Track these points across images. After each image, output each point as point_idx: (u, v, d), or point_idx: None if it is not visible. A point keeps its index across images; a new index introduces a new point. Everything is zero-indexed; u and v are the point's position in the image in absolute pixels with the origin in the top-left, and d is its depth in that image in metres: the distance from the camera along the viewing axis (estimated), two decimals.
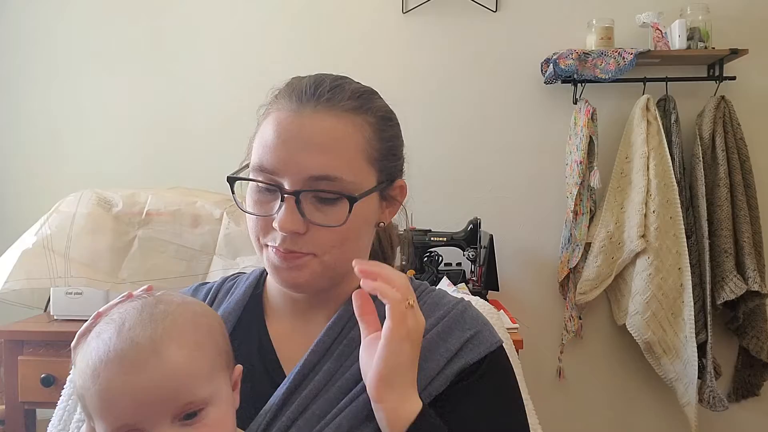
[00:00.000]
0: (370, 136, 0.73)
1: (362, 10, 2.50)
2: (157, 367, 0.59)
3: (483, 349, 0.73)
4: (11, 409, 1.87)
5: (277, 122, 0.71)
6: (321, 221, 0.69)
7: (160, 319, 0.62)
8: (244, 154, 0.81)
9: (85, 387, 0.60)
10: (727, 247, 2.25)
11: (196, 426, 0.60)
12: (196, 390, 0.60)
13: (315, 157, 0.69)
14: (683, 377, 2.26)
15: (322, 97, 0.71)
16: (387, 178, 0.76)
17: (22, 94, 2.57)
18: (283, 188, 0.69)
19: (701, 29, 2.28)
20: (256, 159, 0.72)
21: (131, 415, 0.58)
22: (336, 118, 0.71)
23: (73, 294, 1.92)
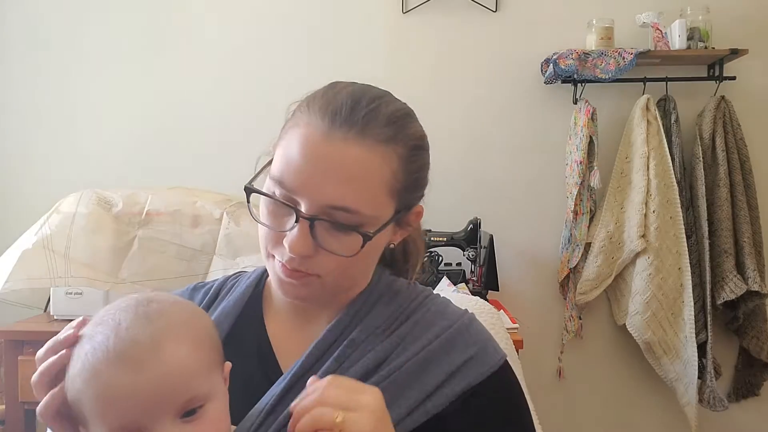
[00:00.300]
0: (397, 169, 0.70)
1: (362, 10, 2.50)
2: (160, 365, 0.58)
3: (486, 368, 0.72)
4: (11, 409, 1.87)
5: (305, 140, 0.68)
6: (332, 248, 0.68)
7: (156, 318, 0.61)
8: (257, 158, 0.79)
9: (82, 391, 0.59)
10: (727, 247, 2.25)
11: (196, 422, 0.60)
12: (197, 386, 0.60)
13: (337, 187, 0.66)
14: (683, 377, 2.26)
15: (356, 124, 0.68)
16: (405, 207, 0.74)
17: (22, 94, 2.57)
18: (300, 210, 0.67)
19: (701, 29, 2.28)
20: (278, 172, 0.69)
21: (134, 415, 0.57)
22: (366, 149, 0.67)
23: (73, 294, 1.92)
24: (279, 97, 2.78)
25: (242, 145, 2.50)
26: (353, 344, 0.72)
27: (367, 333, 0.73)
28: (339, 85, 0.74)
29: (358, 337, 0.72)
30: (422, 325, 0.74)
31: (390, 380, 0.69)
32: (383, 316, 0.74)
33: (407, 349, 0.71)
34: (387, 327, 0.73)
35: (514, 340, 1.66)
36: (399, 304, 0.76)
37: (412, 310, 0.76)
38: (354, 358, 0.70)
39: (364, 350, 0.71)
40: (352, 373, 0.69)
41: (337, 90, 0.72)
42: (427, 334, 0.73)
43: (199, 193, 2.04)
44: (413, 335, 0.73)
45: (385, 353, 0.71)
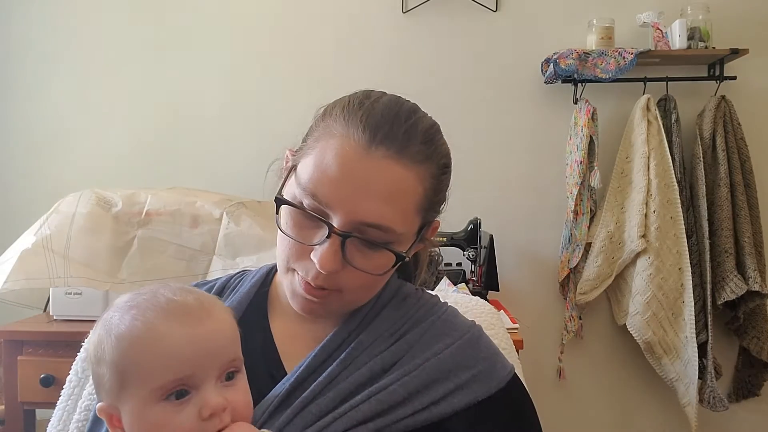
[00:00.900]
0: (428, 188, 0.71)
1: (362, 10, 2.50)
2: (213, 321, 0.62)
3: (494, 384, 0.72)
4: (11, 409, 1.87)
5: (342, 154, 0.66)
6: (361, 266, 0.67)
7: (193, 291, 0.65)
8: (269, 164, 0.78)
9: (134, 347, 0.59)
10: (728, 247, 2.25)
11: (233, 388, 0.62)
12: (238, 349, 0.64)
13: (374, 205, 0.66)
14: (684, 377, 2.26)
15: (396, 141, 0.67)
16: (427, 222, 0.74)
17: (22, 94, 2.57)
18: (332, 225, 0.66)
19: (702, 29, 2.28)
20: (311, 183, 0.67)
21: (189, 367, 0.59)
22: (404, 168, 0.67)
23: (72, 294, 1.92)
24: (279, 97, 2.78)
25: (242, 146, 2.50)
26: (360, 347, 0.71)
27: (375, 336, 0.72)
28: (373, 95, 0.73)
29: (365, 340, 0.72)
30: (431, 334, 0.74)
31: (400, 383, 0.68)
32: (391, 321, 0.74)
33: (416, 357, 0.71)
34: (395, 331, 0.73)
35: (514, 340, 1.66)
36: (407, 309, 0.76)
37: (420, 317, 0.75)
38: (360, 361, 0.70)
39: (371, 354, 0.71)
40: (357, 375, 0.69)
41: (372, 101, 0.71)
42: (437, 344, 0.72)
43: (199, 193, 2.03)
44: (422, 343, 0.72)
45: (392, 358, 0.71)
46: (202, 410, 0.59)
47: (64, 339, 1.84)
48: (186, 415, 0.59)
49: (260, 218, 1.95)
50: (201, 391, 0.60)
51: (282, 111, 2.49)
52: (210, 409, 0.59)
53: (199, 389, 0.60)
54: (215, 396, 0.60)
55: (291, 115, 2.50)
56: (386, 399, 0.67)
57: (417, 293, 0.80)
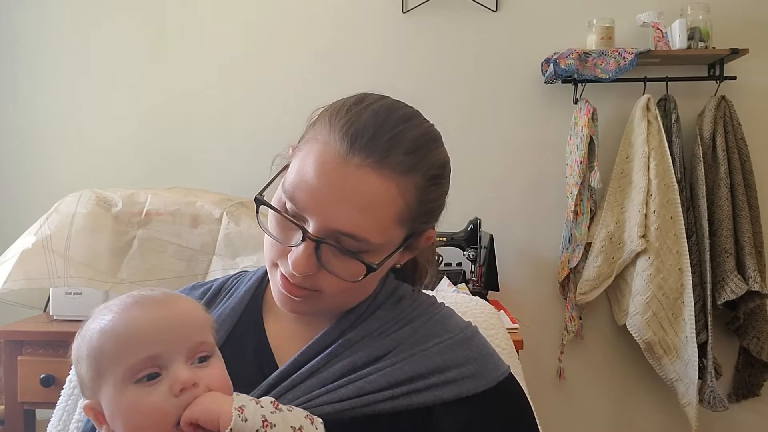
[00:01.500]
0: (412, 200, 0.69)
1: (362, 10, 2.49)
2: (178, 305, 0.66)
3: (482, 383, 0.71)
4: (11, 409, 1.87)
5: (321, 159, 0.66)
6: (335, 271, 0.67)
7: (164, 290, 0.68)
8: (273, 158, 0.77)
9: (104, 335, 0.62)
10: (728, 247, 2.25)
11: (205, 369, 0.64)
12: (206, 334, 0.66)
13: (348, 214, 0.65)
14: (684, 377, 2.26)
15: (375, 151, 0.66)
16: (416, 233, 0.73)
17: (22, 94, 2.57)
18: (307, 230, 0.66)
19: (702, 29, 2.28)
20: (290, 186, 0.68)
21: (157, 345, 0.61)
22: (382, 179, 0.66)
23: (72, 294, 1.92)
24: (279, 97, 2.78)
25: (242, 146, 2.50)
26: (347, 343, 0.71)
27: (363, 335, 0.72)
28: (366, 101, 0.71)
29: (353, 338, 0.72)
30: (421, 333, 0.73)
31: (381, 373, 0.68)
32: (382, 321, 0.74)
33: (402, 353, 0.71)
34: (384, 330, 0.73)
35: (514, 341, 1.66)
36: (401, 310, 0.75)
37: (413, 318, 0.75)
38: (344, 355, 0.70)
39: (356, 349, 0.71)
40: (339, 367, 0.69)
41: (362, 107, 0.70)
42: (426, 342, 0.72)
43: (199, 193, 2.03)
44: (410, 341, 0.72)
45: (377, 353, 0.71)
46: (173, 386, 0.60)
47: (64, 339, 1.81)
48: (158, 393, 0.60)
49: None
50: (171, 370, 0.61)
51: (282, 111, 2.49)
52: (180, 384, 0.60)
53: (169, 369, 0.61)
54: (185, 371, 0.61)
55: (291, 115, 2.50)
56: (365, 386, 0.67)
57: (413, 295, 0.79)
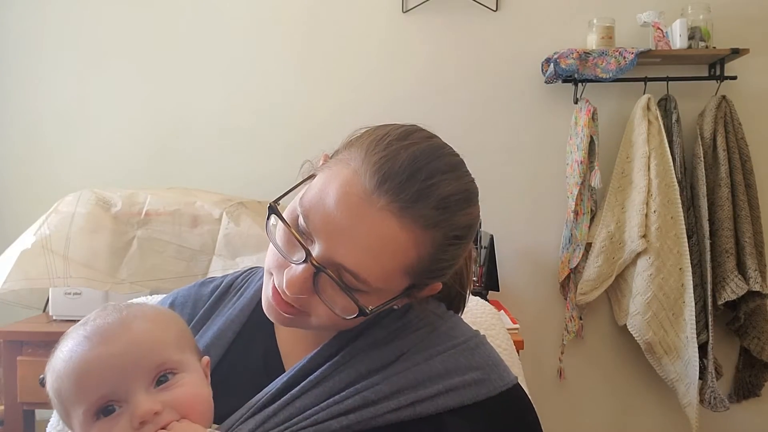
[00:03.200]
0: (425, 255, 0.66)
1: (362, 10, 2.49)
2: (126, 335, 0.62)
3: (484, 392, 0.70)
4: (10, 409, 1.86)
5: (344, 189, 0.63)
6: (328, 301, 0.65)
7: (124, 309, 0.66)
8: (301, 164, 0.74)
9: (60, 378, 0.62)
10: (728, 247, 2.25)
11: (171, 388, 0.62)
12: (166, 354, 0.63)
13: (356, 252, 0.63)
14: (684, 378, 2.25)
15: (403, 197, 0.63)
16: (420, 285, 0.70)
17: (22, 94, 2.57)
18: (310, 253, 0.63)
19: (702, 29, 2.28)
20: (308, 204, 0.65)
21: (107, 384, 0.60)
22: (400, 228, 0.63)
23: (72, 294, 1.92)
24: (279, 97, 2.78)
25: (242, 146, 2.50)
26: (353, 351, 0.71)
27: (370, 342, 0.72)
28: (411, 138, 0.67)
29: (360, 345, 0.71)
30: (427, 342, 0.73)
31: (386, 382, 0.68)
32: (389, 329, 0.73)
33: (406, 360, 0.70)
34: (390, 339, 0.72)
35: (515, 341, 1.65)
36: (409, 319, 0.74)
37: (419, 326, 0.74)
38: (351, 363, 0.70)
39: (363, 357, 0.70)
40: (345, 376, 0.69)
41: (404, 145, 0.66)
42: (430, 351, 0.71)
43: (198, 193, 2.03)
44: (415, 350, 0.71)
45: (382, 360, 0.70)
46: (132, 420, 0.59)
47: None
48: (120, 427, 0.59)
49: (260, 218, 1.95)
50: (131, 402, 0.60)
51: (281, 111, 2.49)
52: (138, 418, 0.59)
53: (128, 401, 0.60)
54: (144, 403, 0.59)
55: (290, 115, 2.50)
56: (370, 395, 0.67)
57: (421, 304, 0.77)
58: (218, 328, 0.77)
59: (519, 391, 0.74)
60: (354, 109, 2.38)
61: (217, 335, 0.76)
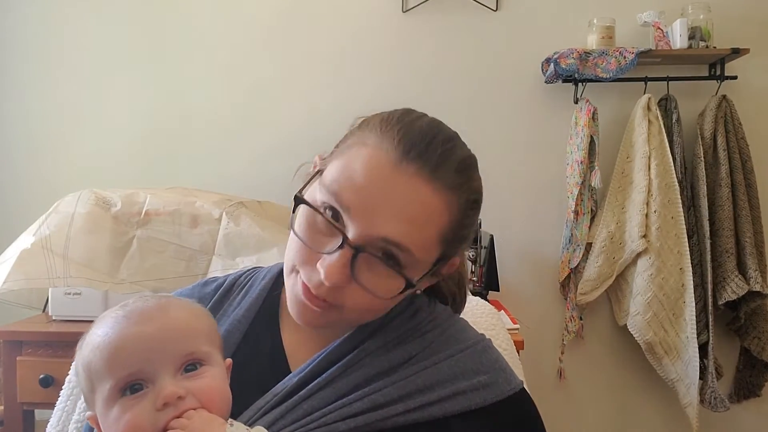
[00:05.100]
0: (455, 219, 0.67)
1: (362, 10, 2.49)
2: (163, 319, 0.65)
3: (491, 396, 0.70)
4: (10, 409, 1.86)
5: (372, 163, 0.64)
6: (369, 285, 0.64)
7: (162, 297, 0.69)
8: (298, 167, 0.74)
9: (94, 350, 0.63)
10: (729, 247, 2.24)
11: (195, 378, 0.63)
12: (197, 343, 0.65)
13: (396, 222, 0.62)
14: (684, 378, 2.25)
15: (430, 162, 0.64)
16: (446, 256, 0.70)
17: (21, 94, 2.57)
18: (347, 236, 0.62)
19: (702, 28, 2.28)
20: (335, 184, 0.64)
21: (139, 362, 0.62)
22: (433, 191, 0.64)
23: (71, 294, 1.91)
24: (279, 96, 2.78)
25: (242, 146, 2.50)
26: (363, 353, 0.71)
27: (379, 344, 0.72)
28: (414, 114, 0.70)
29: (369, 347, 0.71)
30: (435, 346, 0.73)
31: (395, 386, 0.68)
32: (399, 331, 0.73)
33: (415, 364, 0.70)
34: (399, 341, 0.73)
35: (515, 341, 1.65)
36: (418, 321, 0.75)
37: (428, 329, 0.74)
38: (360, 365, 0.70)
39: (372, 359, 0.71)
40: (353, 378, 0.69)
41: (413, 118, 0.69)
42: (438, 354, 0.72)
43: (198, 193, 2.03)
44: (424, 353, 0.72)
45: (391, 363, 0.70)
46: (156, 400, 0.61)
47: (63, 339, 1.83)
48: (142, 407, 0.61)
49: (260, 218, 1.95)
50: (157, 384, 0.62)
51: (281, 111, 2.49)
52: (163, 399, 0.60)
53: (155, 383, 0.62)
54: (169, 385, 0.61)
55: (290, 115, 2.50)
56: (379, 399, 0.67)
57: (430, 307, 0.78)
58: (225, 330, 0.76)
59: (525, 395, 0.75)
60: (354, 108, 2.35)
61: (225, 336, 0.75)
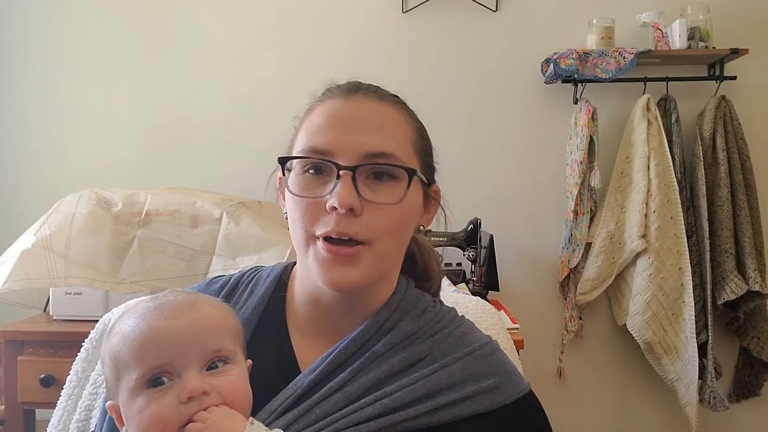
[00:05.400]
0: (416, 131, 0.76)
1: (362, 10, 2.50)
2: (194, 314, 0.66)
3: (500, 399, 0.71)
4: (11, 409, 1.87)
5: (327, 110, 0.72)
6: (377, 199, 0.68)
7: (192, 293, 0.71)
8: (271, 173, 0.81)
9: (124, 340, 0.65)
10: (728, 247, 2.25)
11: (220, 375, 0.64)
12: (224, 341, 0.66)
13: (371, 136, 0.70)
14: (684, 377, 2.26)
15: (371, 91, 0.74)
16: (427, 173, 0.77)
17: (22, 94, 2.57)
18: (339, 165, 0.68)
19: (702, 29, 2.28)
20: (307, 143, 0.71)
21: (167, 355, 0.63)
22: (387, 106, 0.73)
23: (72, 294, 1.92)
24: (279, 97, 2.78)
25: (242, 146, 2.50)
26: (373, 356, 0.71)
27: (389, 346, 0.72)
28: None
29: (379, 350, 0.72)
30: (444, 347, 0.74)
31: (406, 390, 0.69)
32: (407, 333, 0.74)
33: (425, 367, 0.71)
34: (408, 343, 0.73)
35: (515, 340, 1.65)
36: (425, 322, 0.76)
37: (435, 331, 0.75)
38: (370, 368, 0.70)
39: (381, 363, 0.71)
40: (364, 381, 0.69)
41: (347, 80, 0.78)
42: (447, 357, 0.72)
43: (199, 193, 2.03)
44: (433, 355, 0.72)
45: (401, 366, 0.71)
46: (180, 394, 0.62)
47: (64, 339, 1.84)
48: (167, 399, 0.62)
49: (260, 218, 1.95)
50: (183, 378, 0.63)
51: (281, 111, 2.48)
52: (188, 393, 0.61)
53: (181, 376, 0.63)
54: (195, 380, 0.62)
55: (290, 115, 2.50)
56: (390, 403, 0.67)
57: (435, 307, 0.79)
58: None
59: (533, 398, 0.75)
60: None
61: None
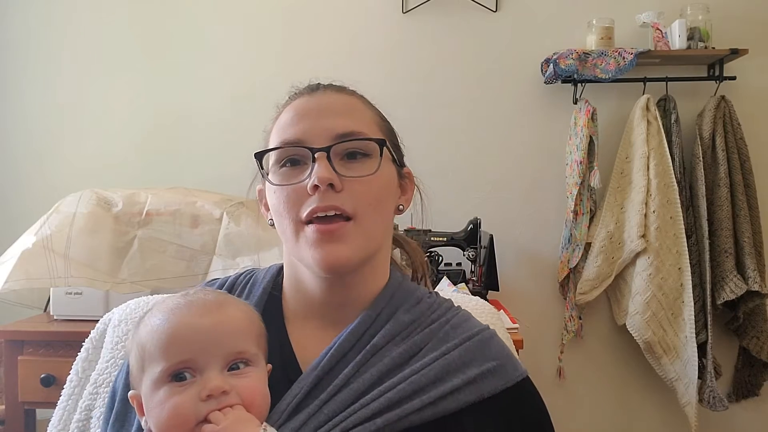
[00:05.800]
0: (377, 114, 0.81)
1: (362, 10, 2.50)
2: (221, 314, 0.69)
3: (501, 383, 0.72)
4: (11, 409, 1.87)
5: (293, 107, 0.78)
6: (354, 173, 0.73)
7: (221, 294, 0.74)
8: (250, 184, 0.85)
9: (152, 332, 0.67)
10: (727, 247, 2.25)
11: (240, 377, 0.66)
12: (247, 343, 0.68)
13: (338, 119, 0.74)
14: (683, 377, 2.26)
15: (330, 86, 0.80)
16: (395, 150, 0.81)
17: (22, 94, 2.57)
18: (313, 148, 0.72)
19: (701, 29, 2.28)
20: (278, 138, 0.76)
21: (191, 351, 0.65)
22: (347, 96, 0.80)
23: (73, 294, 1.92)
24: (279, 97, 2.77)
25: (242, 146, 2.50)
26: (373, 349, 0.72)
27: (388, 339, 0.73)
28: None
29: (379, 343, 0.72)
30: (441, 336, 0.74)
31: (408, 381, 0.69)
32: (403, 324, 0.75)
33: (425, 356, 0.72)
34: (406, 335, 0.74)
35: (515, 340, 1.66)
36: (421, 312, 0.77)
37: (432, 320, 0.76)
38: (372, 363, 0.71)
39: (383, 355, 0.72)
40: (368, 376, 0.70)
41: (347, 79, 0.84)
42: (446, 344, 0.73)
43: (199, 193, 2.04)
44: (432, 344, 0.73)
45: (402, 358, 0.72)
46: (201, 391, 0.63)
47: (64, 339, 1.84)
48: (187, 395, 0.64)
49: (260, 218, 1.96)
50: (204, 375, 0.64)
51: None
52: (208, 390, 0.63)
53: (203, 374, 0.64)
54: (216, 378, 0.64)
55: None
56: (395, 396, 0.68)
57: (431, 297, 0.80)
58: None
59: (531, 383, 0.77)
60: None
61: None
